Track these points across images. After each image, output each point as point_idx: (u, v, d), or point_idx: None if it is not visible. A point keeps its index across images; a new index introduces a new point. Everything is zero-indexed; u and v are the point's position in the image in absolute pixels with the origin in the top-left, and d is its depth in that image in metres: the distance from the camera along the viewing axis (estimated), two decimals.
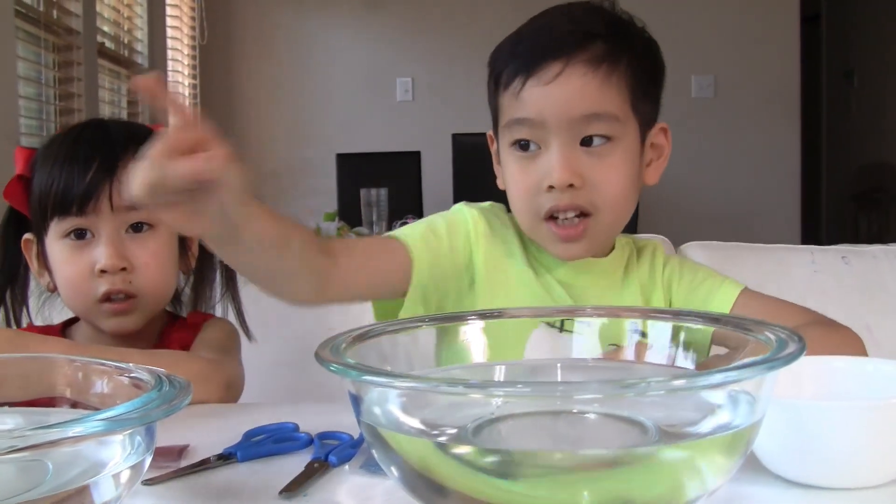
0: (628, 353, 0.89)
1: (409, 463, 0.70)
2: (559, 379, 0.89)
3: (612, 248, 1.42)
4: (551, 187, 1.27)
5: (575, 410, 0.74)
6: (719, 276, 1.41)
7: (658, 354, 0.87)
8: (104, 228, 1.37)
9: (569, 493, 0.67)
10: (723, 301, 1.36)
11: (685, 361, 0.85)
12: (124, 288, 1.38)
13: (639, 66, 1.33)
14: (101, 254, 1.36)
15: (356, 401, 0.73)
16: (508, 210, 1.41)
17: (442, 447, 0.70)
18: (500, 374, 0.89)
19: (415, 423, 0.72)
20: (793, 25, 6.01)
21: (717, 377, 0.66)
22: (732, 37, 5.95)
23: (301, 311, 1.56)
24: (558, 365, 0.90)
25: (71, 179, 1.36)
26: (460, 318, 0.92)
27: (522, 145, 1.31)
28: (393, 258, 1.30)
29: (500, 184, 1.38)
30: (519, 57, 1.31)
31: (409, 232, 1.31)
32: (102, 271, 1.36)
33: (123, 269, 1.37)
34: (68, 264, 1.39)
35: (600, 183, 1.28)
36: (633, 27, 1.36)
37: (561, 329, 0.94)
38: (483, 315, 0.92)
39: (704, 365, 0.84)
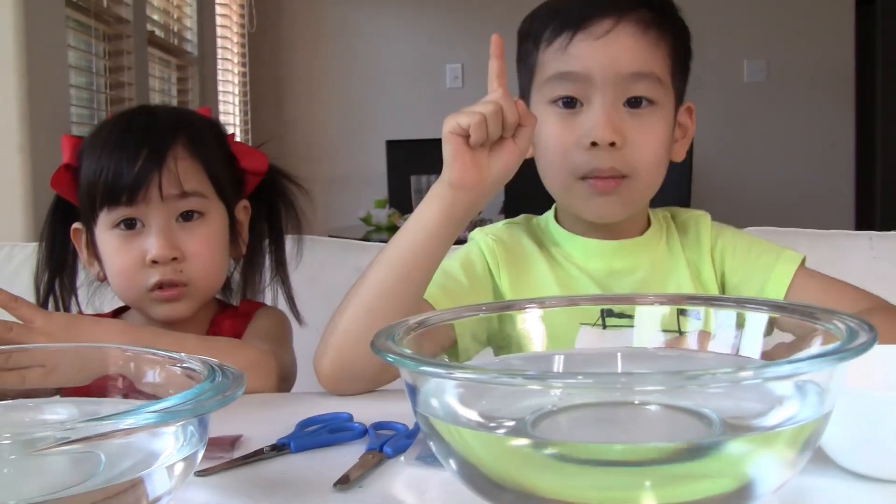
0: (691, 342, 0.87)
1: (466, 455, 0.69)
2: (619, 369, 0.87)
3: (648, 225, 1.42)
4: (594, 144, 1.28)
5: (636, 402, 0.73)
6: (776, 248, 1.40)
7: (722, 343, 0.85)
8: (154, 218, 1.36)
9: (630, 487, 0.65)
10: (780, 278, 1.35)
11: (750, 350, 0.83)
12: (175, 277, 1.37)
13: (680, 41, 1.36)
14: (151, 244, 1.35)
15: (413, 391, 0.71)
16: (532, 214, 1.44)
17: (501, 439, 0.69)
18: (559, 363, 0.87)
19: (472, 414, 0.71)
20: (847, 9, 5.92)
21: (787, 368, 0.64)
22: (785, 21, 5.88)
23: None
24: (618, 354, 0.88)
25: (120, 169, 1.34)
26: (518, 306, 0.90)
27: (566, 102, 1.31)
28: None
29: None
30: (567, 12, 1.32)
31: (430, 289, 1.25)
32: (154, 262, 1.36)
33: (174, 258, 1.36)
34: (119, 255, 1.38)
35: (640, 145, 1.30)
36: (674, 5, 1.38)
37: (604, 326, 0.92)
38: (542, 303, 0.90)
39: (769, 355, 0.82)
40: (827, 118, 5.93)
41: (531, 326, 0.89)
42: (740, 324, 0.84)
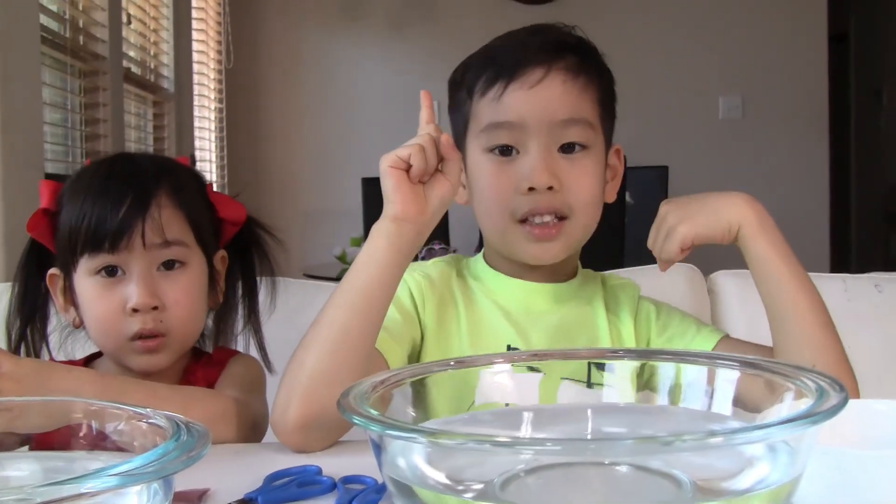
0: (661, 399, 0.86)
1: None
2: (590, 425, 0.87)
3: (575, 274, 1.45)
4: (531, 189, 1.31)
5: (606, 462, 0.72)
6: (697, 323, 1.43)
7: (692, 399, 0.85)
8: (136, 266, 1.35)
9: None
10: (702, 344, 1.38)
11: (721, 406, 0.82)
12: (155, 327, 1.35)
13: (605, 85, 1.40)
14: (132, 292, 1.34)
15: (378, 449, 0.71)
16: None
17: (468, 503, 0.68)
18: (528, 420, 0.86)
19: (440, 476, 0.70)
20: (821, 44, 5.96)
21: (758, 433, 0.63)
22: (760, 57, 5.91)
23: None
24: (588, 410, 0.88)
25: (103, 216, 1.33)
26: (487, 362, 0.89)
27: (502, 150, 1.34)
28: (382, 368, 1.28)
29: (458, 199, 1.36)
30: (499, 63, 1.36)
31: (379, 337, 1.25)
32: (134, 310, 1.34)
33: (155, 307, 1.35)
34: (99, 302, 1.36)
35: (576, 186, 1.33)
36: (597, 50, 1.42)
37: (589, 384, 0.92)
38: (512, 359, 0.90)
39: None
40: (802, 154, 5.96)
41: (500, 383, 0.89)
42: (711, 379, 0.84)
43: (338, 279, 2.58)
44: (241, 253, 1.52)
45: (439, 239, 3.78)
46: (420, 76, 6.05)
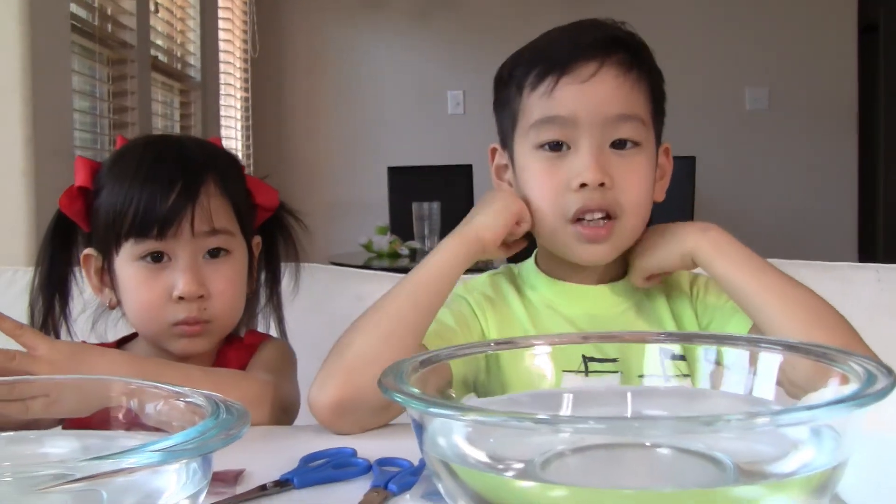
0: (702, 383, 0.85)
1: (474, 496, 0.67)
2: (630, 406, 0.86)
3: (627, 269, 1.41)
4: (582, 185, 1.29)
5: (648, 444, 0.71)
6: (732, 305, 1.39)
7: (734, 382, 0.84)
8: (183, 253, 1.34)
9: None
10: (738, 327, 1.35)
11: (764, 390, 0.81)
12: (199, 315, 1.35)
13: (656, 82, 1.37)
14: (179, 280, 1.34)
15: (419, 429, 0.70)
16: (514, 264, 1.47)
17: (509, 482, 0.68)
18: (567, 402, 0.86)
19: (481, 455, 0.69)
20: (850, 36, 5.93)
21: (803, 415, 0.62)
22: (787, 48, 5.88)
23: None
24: (628, 393, 0.87)
25: (152, 202, 1.32)
26: (528, 343, 0.89)
27: (552, 146, 1.32)
28: None
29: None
30: (550, 58, 1.33)
31: (425, 340, 1.28)
32: (180, 298, 1.34)
33: (201, 296, 1.35)
34: (144, 287, 1.36)
35: (627, 185, 1.30)
36: (648, 48, 1.39)
37: (587, 374, 0.92)
38: (552, 341, 0.89)
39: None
40: (829, 146, 5.93)
41: (520, 368, 0.88)
42: (753, 363, 0.83)
43: (364, 268, 2.57)
44: (267, 236, 1.52)
45: None
46: (444, 65, 6.07)
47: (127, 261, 1.36)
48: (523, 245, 1.38)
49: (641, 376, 0.91)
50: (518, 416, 0.69)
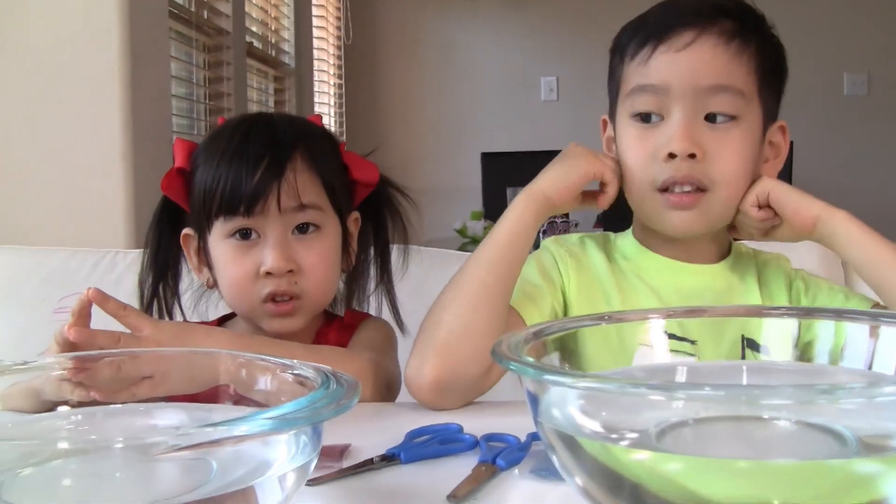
0: (821, 356, 0.83)
1: (591, 467, 0.66)
2: (745, 381, 0.83)
3: (727, 254, 1.39)
4: (671, 156, 1.26)
5: (766, 416, 0.69)
6: (846, 292, 1.37)
7: (853, 358, 0.81)
8: (271, 230, 1.35)
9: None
10: None
11: (885, 366, 0.78)
12: (290, 290, 1.35)
13: (768, 53, 1.33)
14: (268, 256, 1.34)
15: (534, 400, 0.69)
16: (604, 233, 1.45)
17: (625, 452, 0.66)
18: (682, 375, 0.83)
19: (595, 425, 0.68)
20: None
21: None
22: (886, 33, 5.75)
23: None
24: (744, 367, 0.85)
25: (239, 179, 1.33)
26: (644, 315, 0.87)
27: (644, 117, 1.30)
28: (519, 325, 1.29)
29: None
30: (649, 26, 1.32)
31: (514, 296, 1.30)
32: (269, 273, 1.34)
33: (290, 271, 1.35)
34: (233, 264, 1.36)
35: (719, 158, 1.27)
36: (763, 19, 1.36)
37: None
38: (669, 314, 0.87)
39: None
40: None
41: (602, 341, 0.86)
42: (873, 337, 0.80)
43: (460, 251, 2.56)
44: (373, 214, 1.51)
45: (558, 215, 3.76)
46: (537, 51, 6.04)
47: (218, 239, 1.37)
48: (606, 202, 1.35)
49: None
50: (635, 383, 0.67)
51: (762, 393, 0.65)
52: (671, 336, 0.95)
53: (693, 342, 0.92)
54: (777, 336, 0.86)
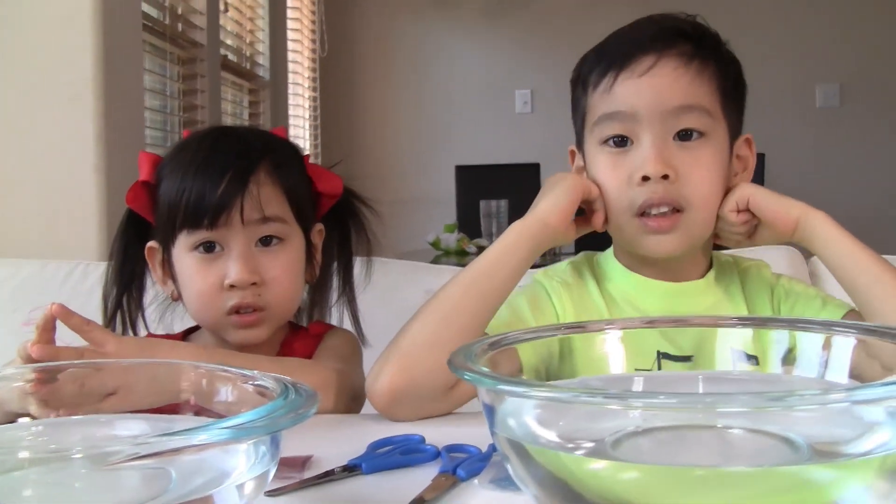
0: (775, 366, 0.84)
1: (547, 477, 0.67)
2: (700, 391, 0.85)
3: (709, 267, 1.40)
4: (645, 179, 1.28)
5: (720, 425, 0.70)
6: (822, 296, 1.38)
7: (807, 368, 0.82)
8: (235, 242, 1.35)
9: None
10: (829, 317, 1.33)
11: (837, 375, 0.80)
12: (254, 302, 1.36)
13: (726, 72, 1.35)
14: (231, 268, 1.34)
15: (490, 411, 0.70)
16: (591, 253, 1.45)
17: (580, 461, 0.67)
18: (638, 385, 0.85)
19: (551, 435, 0.69)
20: None
21: (878, 391, 0.61)
22: (858, 44, 5.79)
23: None
24: (699, 377, 0.86)
25: (202, 192, 1.33)
26: (598, 327, 0.88)
27: (616, 141, 1.32)
28: None
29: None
30: (610, 54, 1.33)
31: (495, 324, 1.29)
32: (233, 286, 1.34)
33: (254, 283, 1.35)
34: (198, 277, 1.37)
35: (693, 177, 1.29)
36: (718, 37, 1.37)
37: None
38: (624, 325, 0.88)
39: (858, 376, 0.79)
40: None
41: (593, 358, 0.87)
42: (826, 348, 0.81)
43: (433, 263, 2.58)
44: (337, 225, 1.52)
45: None
46: (512, 64, 6.06)
47: (182, 252, 1.37)
48: (601, 220, 1.35)
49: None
50: (589, 392, 0.68)
51: (715, 400, 0.66)
52: (665, 355, 0.96)
53: (689, 359, 0.94)
54: (731, 346, 0.88)
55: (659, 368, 1.02)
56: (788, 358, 0.84)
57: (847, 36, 5.79)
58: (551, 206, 1.31)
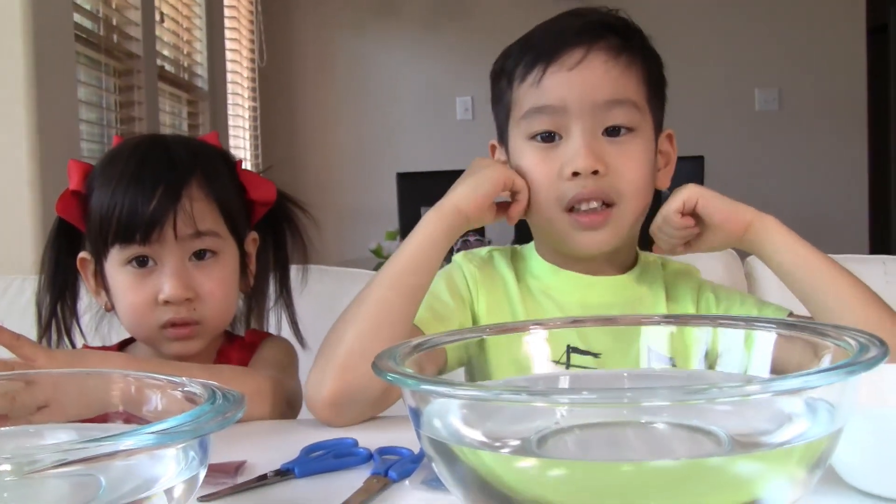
0: (698, 363, 0.85)
1: (471, 477, 0.68)
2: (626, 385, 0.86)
3: (635, 263, 1.40)
4: (575, 174, 1.27)
5: (643, 420, 0.71)
6: (759, 302, 1.40)
7: (729, 363, 0.84)
8: (168, 257, 1.34)
9: None
10: None
11: (759, 369, 0.81)
12: (188, 317, 1.35)
13: (652, 66, 1.35)
14: (165, 284, 1.33)
15: (415, 413, 0.70)
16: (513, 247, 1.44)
17: (506, 459, 0.68)
18: (563, 384, 0.86)
19: (477, 435, 0.69)
20: (859, 36, 5.91)
21: (795, 382, 0.62)
22: (797, 49, 5.87)
23: None
24: (625, 374, 0.87)
25: (135, 207, 1.32)
26: (521, 328, 0.89)
27: (544, 136, 1.31)
28: None
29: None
30: (537, 47, 1.33)
31: (420, 312, 1.28)
32: (167, 301, 1.34)
33: (188, 298, 1.35)
34: (131, 292, 1.36)
35: (623, 171, 1.29)
36: (642, 32, 1.38)
37: (567, 366, 0.92)
38: (546, 325, 0.89)
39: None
40: (840, 146, 5.91)
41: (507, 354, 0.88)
42: (748, 343, 0.83)
43: (374, 270, 2.58)
44: (272, 230, 1.52)
45: (474, 231, 3.78)
46: (452, 71, 6.07)
47: (115, 266, 1.36)
48: (517, 212, 1.33)
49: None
50: (512, 390, 0.69)
51: (638, 395, 0.67)
52: (574, 349, 0.97)
53: (597, 355, 0.95)
54: (655, 344, 0.89)
55: (568, 361, 1.02)
56: (710, 354, 0.85)
57: (786, 41, 5.86)
58: (469, 193, 1.29)
